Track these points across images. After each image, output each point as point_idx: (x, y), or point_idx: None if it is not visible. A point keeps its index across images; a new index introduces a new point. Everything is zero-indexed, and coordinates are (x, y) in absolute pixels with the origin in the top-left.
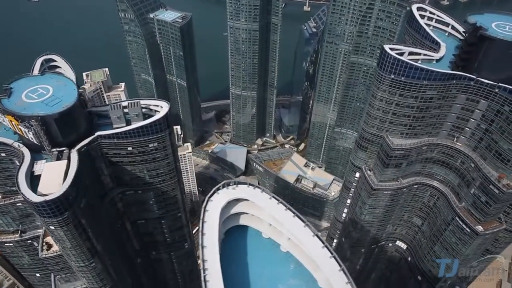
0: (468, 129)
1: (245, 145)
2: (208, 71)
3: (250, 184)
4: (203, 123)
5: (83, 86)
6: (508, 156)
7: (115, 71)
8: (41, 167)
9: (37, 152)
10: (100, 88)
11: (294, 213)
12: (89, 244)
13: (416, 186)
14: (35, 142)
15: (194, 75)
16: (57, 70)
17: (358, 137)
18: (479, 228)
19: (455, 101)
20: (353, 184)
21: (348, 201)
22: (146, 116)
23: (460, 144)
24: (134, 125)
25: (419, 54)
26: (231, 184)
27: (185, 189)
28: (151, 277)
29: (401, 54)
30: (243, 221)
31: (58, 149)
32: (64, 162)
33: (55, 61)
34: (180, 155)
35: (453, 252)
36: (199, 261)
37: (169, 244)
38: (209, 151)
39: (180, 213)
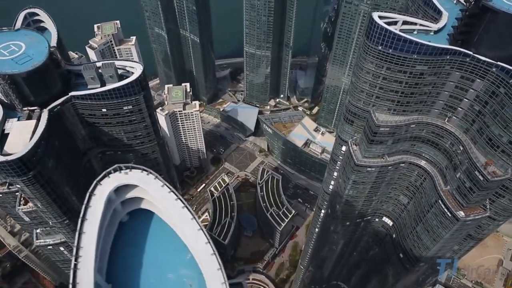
0: (461, 109)
1: (258, 105)
2: (224, 28)
3: (144, 170)
4: (217, 81)
5: (54, 45)
6: (498, 142)
7: (127, 25)
8: (12, 125)
9: (12, 110)
10: (111, 41)
11: (183, 204)
12: (60, 202)
13: (403, 164)
14: (5, 100)
15: (208, 31)
16: (41, 25)
17: (344, 109)
18: (461, 213)
19: (449, 78)
20: (340, 157)
21: (335, 174)
22: (123, 77)
23: (451, 125)
24: (107, 87)
25: (415, 24)
26: (123, 168)
27: (193, 147)
28: None
29: (394, 23)
30: (146, 205)
31: (29, 108)
32: (32, 122)
33: (38, 15)
34: (188, 113)
35: (434, 235)
36: (74, 248)
37: None
38: (221, 110)
39: (162, 175)
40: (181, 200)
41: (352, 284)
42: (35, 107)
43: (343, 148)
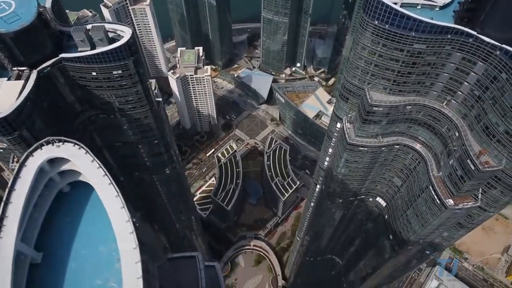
0: (460, 93)
1: (273, 73)
2: None
3: (76, 144)
4: (233, 46)
5: (44, 5)
6: (494, 131)
7: None
8: (0, 85)
9: (4, 69)
10: (126, 1)
11: (110, 180)
12: None
13: (397, 146)
14: None
15: None
16: None
17: (340, 86)
18: (450, 201)
19: (449, 59)
20: (335, 134)
21: (330, 150)
22: (115, 41)
23: (449, 109)
24: (94, 51)
25: None
26: (56, 141)
27: (203, 112)
28: (137, 196)
29: None
30: (85, 178)
31: (19, 68)
32: (20, 82)
33: None
34: (199, 77)
35: (422, 220)
36: None
37: (150, 168)
38: (235, 76)
39: (156, 140)
40: (108, 177)
41: (346, 259)
42: (25, 68)
43: (338, 125)
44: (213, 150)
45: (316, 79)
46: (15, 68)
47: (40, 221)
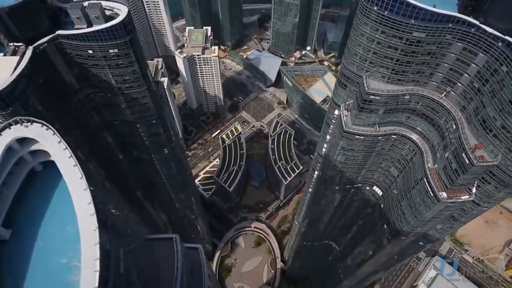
0: (460, 85)
1: (283, 55)
2: None
3: (44, 124)
4: (243, 26)
5: None
6: (491, 125)
7: None
8: None
9: (0, 44)
10: None
11: (75, 162)
12: None
13: (395, 136)
14: None
15: None
16: None
17: (339, 72)
18: (443, 194)
19: (450, 49)
20: (333, 121)
21: (328, 137)
22: (112, 19)
23: (447, 101)
24: (90, 28)
25: None
26: (24, 121)
27: (210, 92)
28: (137, 175)
29: None
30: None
31: (15, 44)
32: (15, 58)
33: None
34: (206, 57)
35: (415, 212)
36: None
37: (148, 147)
38: (244, 57)
39: (154, 120)
40: (73, 158)
41: (342, 245)
42: (21, 44)
43: (336, 112)
44: (218, 131)
45: (326, 63)
46: (11, 44)
47: (9, 198)
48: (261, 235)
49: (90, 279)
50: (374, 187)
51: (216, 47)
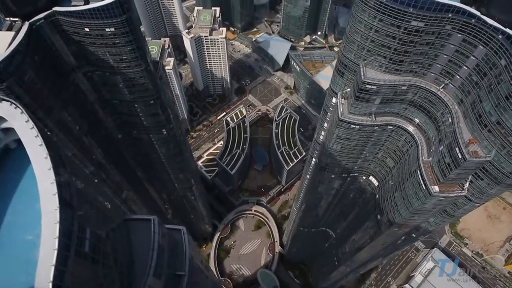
0: (458, 77)
1: (293, 40)
2: None
3: (13, 103)
4: (254, 8)
5: None
6: (486, 120)
7: None
8: None
9: None
10: None
11: (41, 141)
12: (39, 115)
13: (391, 127)
14: None
15: None
16: None
17: (337, 59)
18: (435, 188)
19: (449, 40)
20: (330, 109)
21: (325, 125)
22: None
23: (445, 93)
24: (86, 6)
25: None
26: None
27: (217, 74)
28: (137, 154)
29: None
30: None
31: (12, 19)
32: (10, 34)
33: None
34: (214, 39)
35: (408, 204)
36: None
37: (147, 127)
38: (253, 40)
39: (152, 101)
40: (39, 138)
41: (338, 233)
42: (17, 19)
43: (333, 100)
44: (224, 113)
45: (336, 49)
46: (8, 19)
47: None
48: (261, 219)
49: (48, 257)
50: (371, 177)
51: (224, 29)
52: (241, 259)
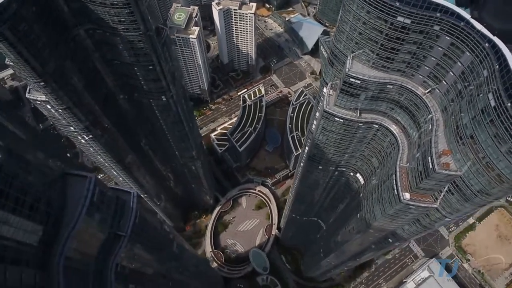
0: (445, 83)
1: (327, 24)
2: None
3: None
4: None
5: None
6: (462, 132)
7: None
8: None
9: None
10: None
11: None
12: (34, 64)
13: (376, 126)
14: None
15: None
16: None
17: (330, 49)
18: (406, 195)
19: (438, 42)
20: (321, 98)
21: (317, 114)
22: None
23: (430, 98)
24: None
25: None
26: None
27: (243, 49)
28: (138, 118)
29: None
30: None
31: None
32: None
33: None
34: (243, 13)
35: (382, 207)
36: None
37: (147, 92)
38: (286, 19)
39: (151, 66)
40: None
41: (327, 225)
42: None
43: (324, 89)
44: (245, 90)
45: None
46: None
47: None
48: (264, 200)
49: None
50: (357, 174)
51: (254, 4)
52: (237, 235)
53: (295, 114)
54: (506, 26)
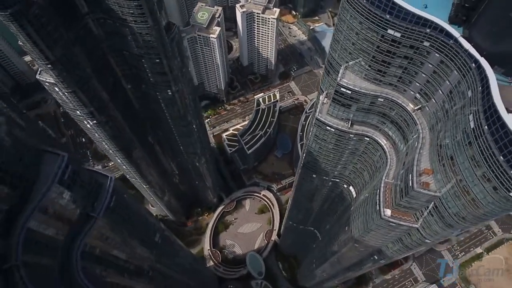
0: (434, 101)
1: None
2: None
3: None
4: None
5: None
6: (443, 152)
7: None
8: None
9: None
10: None
11: None
12: (44, 46)
13: (368, 139)
14: None
15: None
16: None
17: (326, 58)
18: (387, 211)
19: (428, 58)
20: (317, 106)
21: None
22: None
23: (420, 115)
24: None
25: None
26: None
27: (263, 54)
28: (145, 109)
29: None
30: None
31: None
32: None
33: None
34: (265, 17)
35: (364, 221)
36: None
37: (153, 84)
38: (310, 27)
39: (158, 59)
40: None
41: (322, 235)
42: None
43: (321, 97)
44: (262, 94)
45: None
46: None
47: None
48: (267, 204)
49: None
50: (350, 187)
51: (278, 10)
52: (237, 236)
53: (307, 122)
54: (493, 48)
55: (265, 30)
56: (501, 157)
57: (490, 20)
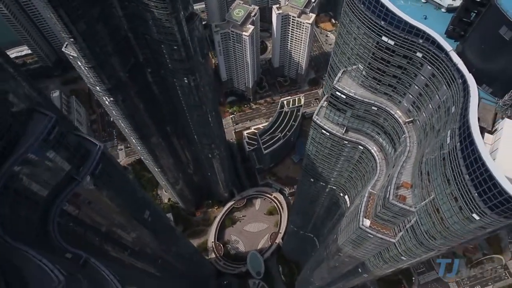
0: (424, 115)
1: None
2: None
3: None
4: None
5: None
6: (423, 167)
7: None
8: None
9: None
10: None
11: None
12: (67, 19)
13: (361, 148)
14: None
15: None
16: None
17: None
18: (366, 222)
19: (421, 71)
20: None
21: None
22: None
23: (410, 128)
24: None
25: None
26: None
27: (294, 57)
28: (163, 94)
29: None
30: None
31: None
32: None
33: None
34: (300, 22)
35: (347, 230)
36: None
37: (171, 71)
38: None
39: (176, 46)
40: None
41: (320, 243)
42: None
43: (322, 100)
44: (289, 97)
45: None
46: None
47: None
48: (277, 207)
49: None
50: (346, 196)
51: (313, 15)
52: (242, 233)
53: None
54: (483, 65)
55: (299, 34)
56: (467, 176)
57: (480, 37)
